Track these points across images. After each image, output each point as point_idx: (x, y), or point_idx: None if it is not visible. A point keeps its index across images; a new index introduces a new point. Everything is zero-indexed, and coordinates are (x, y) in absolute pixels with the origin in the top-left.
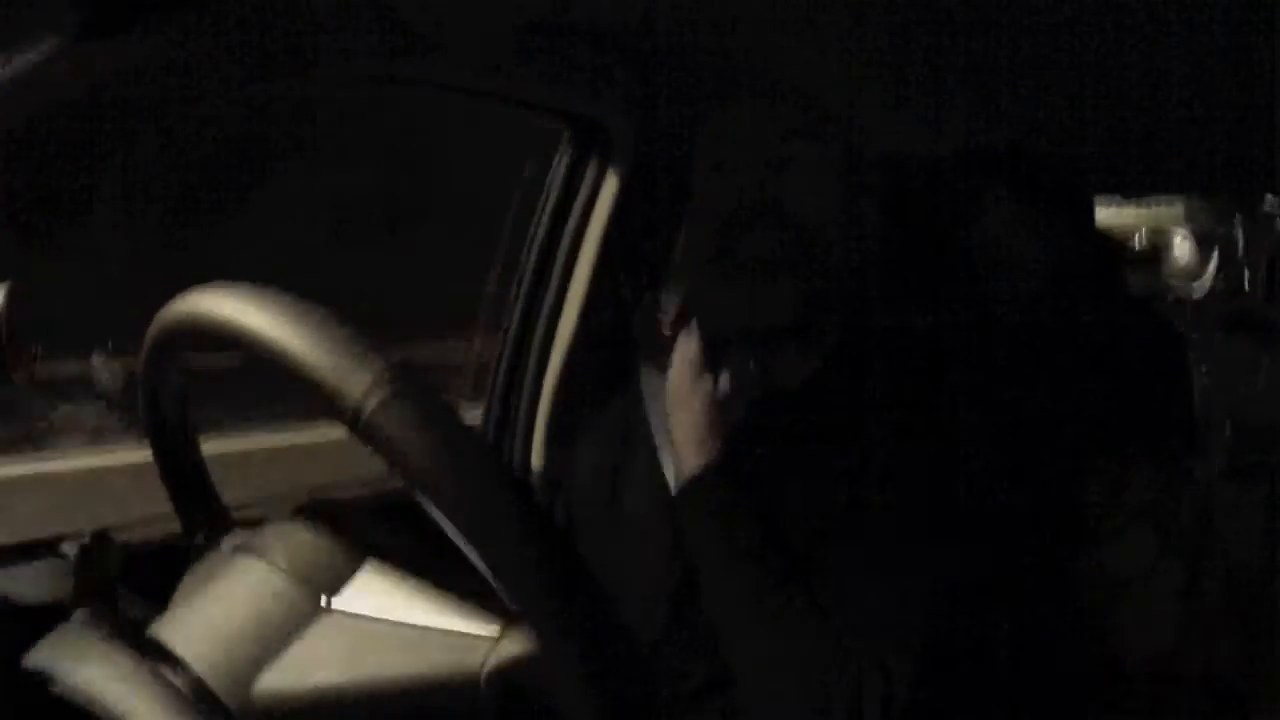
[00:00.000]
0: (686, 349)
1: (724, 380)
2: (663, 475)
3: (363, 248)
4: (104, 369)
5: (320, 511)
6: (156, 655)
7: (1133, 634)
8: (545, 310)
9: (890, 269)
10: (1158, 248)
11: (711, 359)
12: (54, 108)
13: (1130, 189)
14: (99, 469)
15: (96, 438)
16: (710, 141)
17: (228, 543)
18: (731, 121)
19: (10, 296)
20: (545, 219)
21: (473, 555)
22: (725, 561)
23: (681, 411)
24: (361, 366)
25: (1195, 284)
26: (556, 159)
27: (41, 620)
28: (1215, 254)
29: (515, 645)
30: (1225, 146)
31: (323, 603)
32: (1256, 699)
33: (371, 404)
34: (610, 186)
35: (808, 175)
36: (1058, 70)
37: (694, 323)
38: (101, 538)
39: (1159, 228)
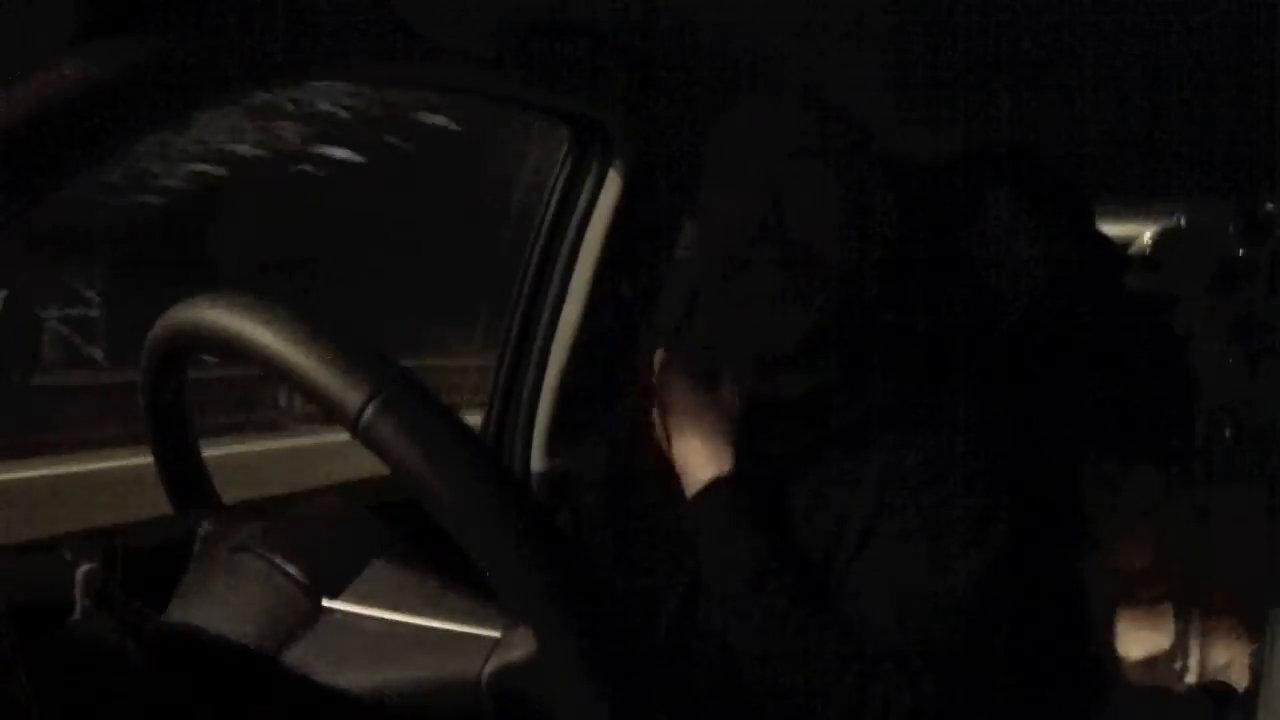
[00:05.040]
0: (685, 364)
1: (726, 393)
2: (668, 479)
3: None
4: None
5: (322, 511)
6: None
7: (1133, 634)
8: (546, 311)
9: (891, 271)
10: (1158, 250)
11: (713, 373)
12: (55, 108)
13: (1131, 192)
14: (99, 471)
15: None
16: (714, 166)
17: (228, 542)
18: (734, 144)
19: (9, 303)
20: (546, 219)
21: (475, 558)
22: (740, 582)
23: (683, 426)
24: (361, 373)
25: (1195, 286)
26: (560, 160)
27: (42, 621)
28: (1215, 256)
29: (515, 649)
30: (1225, 149)
31: (324, 603)
32: (1256, 699)
33: (371, 410)
34: (611, 187)
35: (814, 196)
36: (1058, 70)
37: (694, 339)
38: (101, 538)
39: (1159, 230)
